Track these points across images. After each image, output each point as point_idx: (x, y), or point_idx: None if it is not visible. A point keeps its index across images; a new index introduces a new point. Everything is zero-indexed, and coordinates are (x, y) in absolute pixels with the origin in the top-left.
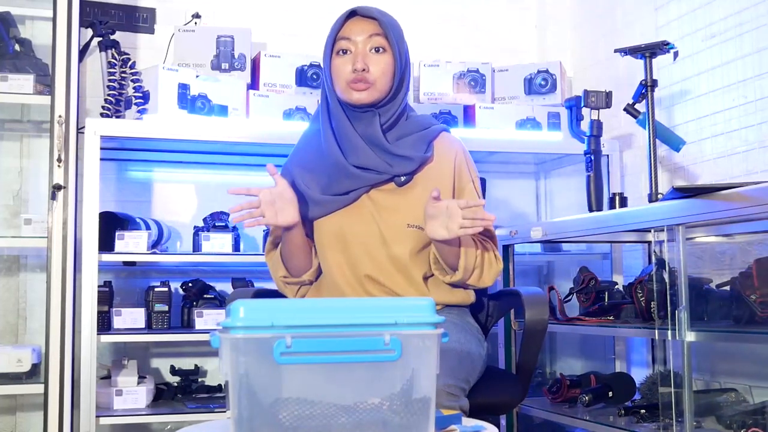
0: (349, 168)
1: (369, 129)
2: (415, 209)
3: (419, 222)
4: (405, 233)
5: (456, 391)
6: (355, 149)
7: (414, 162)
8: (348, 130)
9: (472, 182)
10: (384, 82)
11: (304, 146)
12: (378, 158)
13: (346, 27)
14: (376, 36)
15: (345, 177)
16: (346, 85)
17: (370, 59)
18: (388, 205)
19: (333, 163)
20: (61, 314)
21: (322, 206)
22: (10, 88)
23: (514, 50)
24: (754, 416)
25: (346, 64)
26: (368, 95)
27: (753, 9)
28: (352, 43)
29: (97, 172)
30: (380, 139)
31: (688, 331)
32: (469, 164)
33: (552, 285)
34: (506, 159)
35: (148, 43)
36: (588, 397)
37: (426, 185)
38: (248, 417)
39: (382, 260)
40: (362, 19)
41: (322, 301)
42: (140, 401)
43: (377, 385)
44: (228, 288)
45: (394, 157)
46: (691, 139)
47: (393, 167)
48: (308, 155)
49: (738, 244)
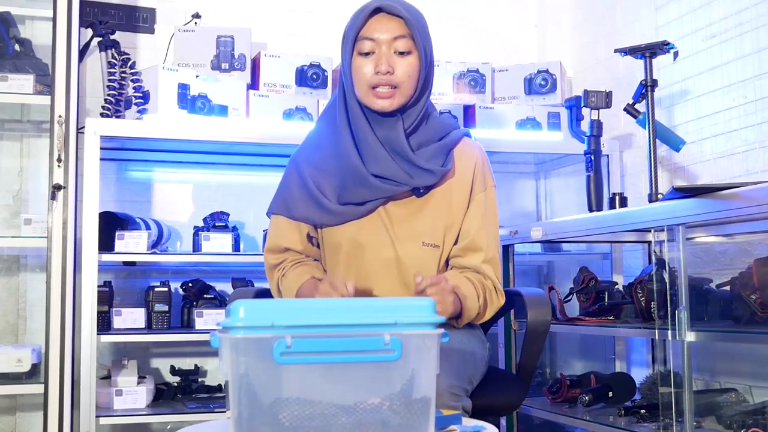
0: (369, 177)
1: (391, 135)
2: (431, 225)
3: (435, 240)
4: (420, 253)
5: (459, 391)
6: (376, 157)
7: (436, 176)
8: (368, 135)
9: (485, 191)
10: (409, 85)
11: (315, 143)
12: (399, 168)
13: (370, 25)
14: (401, 38)
15: (362, 186)
16: (368, 90)
17: (394, 61)
18: (404, 221)
19: (350, 169)
20: (61, 314)
21: (335, 216)
22: (10, 88)
23: (514, 50)
24: (754, 416)
25: (368, 66)
26: (391, 103)
27: (753, 9)
28: (375, 43)
29: (97, 172)
30: (404, 148)
31: (688, 331)
32: (485, 173)
33: (552, 285)
34: (506, 159)
35: (148, 43)
36: (588, 397)
37: (443, 199)
38: (248, 417)
39: (395, 284)
40: (387, 16)
41: (322, 301)
42: (140, 401)
43: (377, 385)
44: (228, 288)
45: (417, 168)
46: (691, 139)
47: (414, 179)
48: (321, 154)
49: (738, 244)
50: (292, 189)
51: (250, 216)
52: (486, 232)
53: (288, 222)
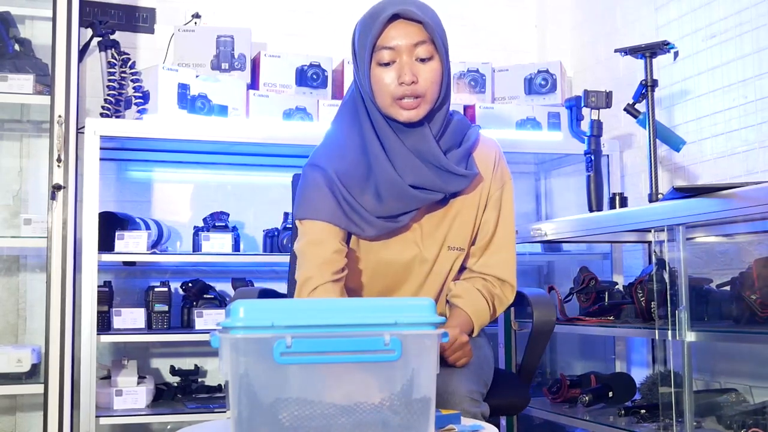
0: (407, 189)
1: (421, 144)
2: (457, 229)
3: (461, 243)
4: (447, 257)
5: (478, 396)
6: (411, 167)
7: (468, 180)
8: (397, 146)
9: (502, 188)
10: (433, 92)
11: (339, 150)
12: (433, 176)
13: (388, 33)
14: (422, 44)
15: (400, 198)
16: (392, 102)
17: (417, 69)
18: (432, 231)
19: (387, 181)
20: (60, 314)
21: (376, 228)
22: (10, 88)
23: (514, 50)
24: (754, 416)
25: (389, 76)
26: (418, 113)
27: (753, 9)
28: (395, 52)
29: (96, 172)
30: (437, 155)
31: (688, 331)
32: (502, 170)
33: (552, 285)
34: (506, 159)
35: (148, 43)
36: (588, 397)
37: (467, 202)
38: (248, 417)
39: (420, 287)
40: (405, 22)
41: (322, 301)
42: (140, 401)
43: (377, 385)
44: (228, 288)
45: (450, 174)
46: (691, 139)
47: (448, 185)
48: (348, 162)
49: (738, 244)
50: (324, 195)
51: (250, 216)
52: (503, 230)
53: (325, 226)
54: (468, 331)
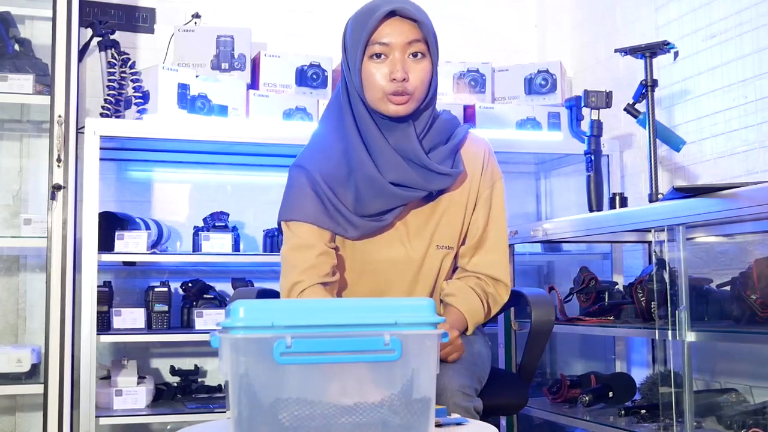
0: (387, 186)
1: (404, 141)
2: (445, 227)
3: (449, 242)
4: (435, 256)
5: (470, 391)
6: (392, 165)
7: (451, 178)
8: (381, 143)
9: (491, 187)
10: (422, 90)
11: (324, 152)
12: (415, 174)
13: (383, 29)
14: (416, 42)
15: (380, 195)
16: (383, 96)
17: (409, 66)
18: (418, 225)
19: (367, 179)
20: (60, 314)
21: (358, 228)
22: (10, 88)
23: (514, 50)
24: (754, 416)
25: (381, 71)
26: (406, 108)
27: (753, 9)
28: (389, 48)
29: (96, 172)
30: (418, 154)
31: (688, 331)
32: (492, 169)
33: (552, 285)
34: (506, 159)
35: (148, 43)
36: (588, 397)
37: (455, 201)
38: (248, 417)
39: (409, 286)
40: (400, 20)
41: (322, 301)
42: (140, 401)
43: (377, 385)
44: (228, 288)
45: (432, 173)
46: (691, 139)
47: (430, 183)
48: (333, 164)
49: (738, 244)
50: (308, 197)
51: (250, 216)
52: (494, 230)
53: (311, 228)
54: (462, 329)
